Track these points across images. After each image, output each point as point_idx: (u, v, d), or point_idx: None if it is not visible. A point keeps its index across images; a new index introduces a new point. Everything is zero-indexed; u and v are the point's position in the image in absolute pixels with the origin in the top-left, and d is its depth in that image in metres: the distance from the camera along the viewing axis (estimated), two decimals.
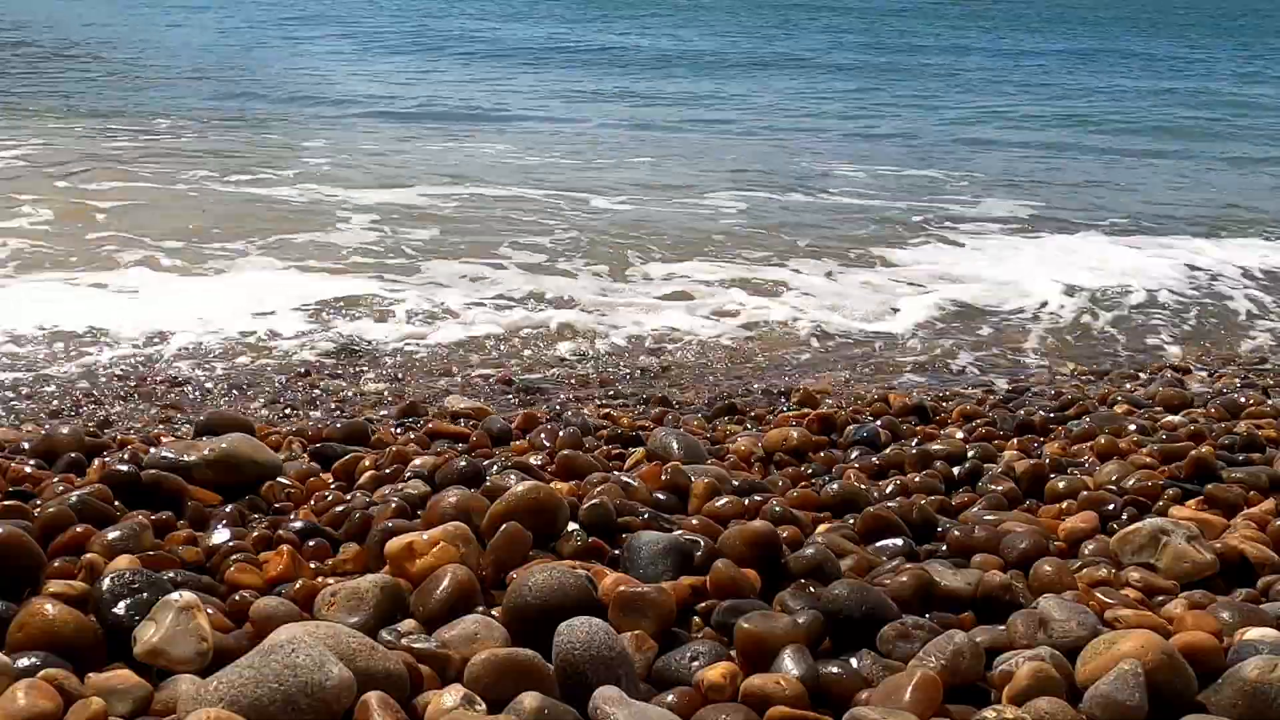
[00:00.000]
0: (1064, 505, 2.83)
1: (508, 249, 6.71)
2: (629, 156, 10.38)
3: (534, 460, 3.01)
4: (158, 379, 4.42)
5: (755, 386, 4.58)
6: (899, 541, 2.51)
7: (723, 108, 14.37)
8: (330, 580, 2.19)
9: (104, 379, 4.42)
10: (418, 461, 2.88)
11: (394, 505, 2.52)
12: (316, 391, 4.36)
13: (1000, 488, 2.96)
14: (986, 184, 9.63)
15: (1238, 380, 4.54)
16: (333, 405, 4.19)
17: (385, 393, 4.37)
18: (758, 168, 9.99)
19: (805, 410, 3.82)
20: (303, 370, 4.62)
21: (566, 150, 10.65)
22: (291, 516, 2.59)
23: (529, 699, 1.73)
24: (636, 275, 6.33)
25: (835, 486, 2.86)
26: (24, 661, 1.79)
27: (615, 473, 2.90)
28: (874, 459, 3.22)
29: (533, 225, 7.36)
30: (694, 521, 2.52)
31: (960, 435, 3.53)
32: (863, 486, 2.90)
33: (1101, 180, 10.18)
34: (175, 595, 1.89)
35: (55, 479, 2.68)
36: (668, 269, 6.43)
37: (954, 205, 8.63)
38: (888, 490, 2.93)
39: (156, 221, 6.99)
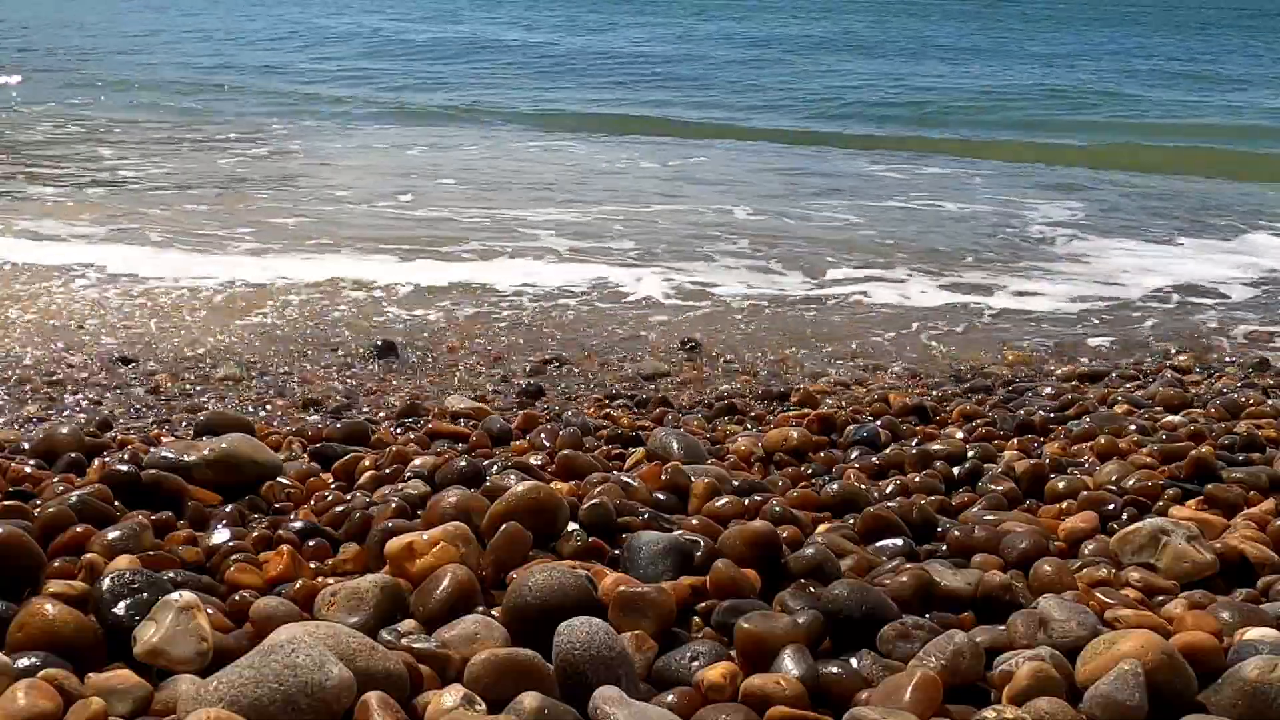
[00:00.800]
0: (1064, 505, 2.82)
1: (717, 256, 6.96)
2: (689, 160, 10.73)
3: (534, 460, 3.01)
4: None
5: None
6: (899, 541, 2.51)
7: (746, 109, 14.55)
8: (330, 580, 2.19)
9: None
10: (418, 461, 2.88)
11: (394, 505, 2.52)
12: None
13: (1000, 488, 2.96)
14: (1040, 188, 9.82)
15: (1238, 380, 4.53)
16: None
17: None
18: (836, 177, 10.22)
19: (805, 410, 3.82)
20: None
21: (640, 154, 11.07)
22: (291, 516, 2.60)
23: (529, 699, 1.72)
24: (839, 276, 6.60)
25: (835, 486, 2.86)
26: (24, 661, 1.79)
27: (615, 473, 2.90)
28: (874, 459, 3.22)
29: (710, 233, 7.56)
30: (694, 521, 2.52)
31: (960, 435, 3.53)
32: (863, 486, 2.90)
33: (1136, 182, 10.32)
34: (175, 595, 1.89)
35: (55, 479, 2.68)
36: (866, 272, 6.67)
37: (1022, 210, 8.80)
38: (888, 490, 2.93)
39: (378, 233, 7.18)
